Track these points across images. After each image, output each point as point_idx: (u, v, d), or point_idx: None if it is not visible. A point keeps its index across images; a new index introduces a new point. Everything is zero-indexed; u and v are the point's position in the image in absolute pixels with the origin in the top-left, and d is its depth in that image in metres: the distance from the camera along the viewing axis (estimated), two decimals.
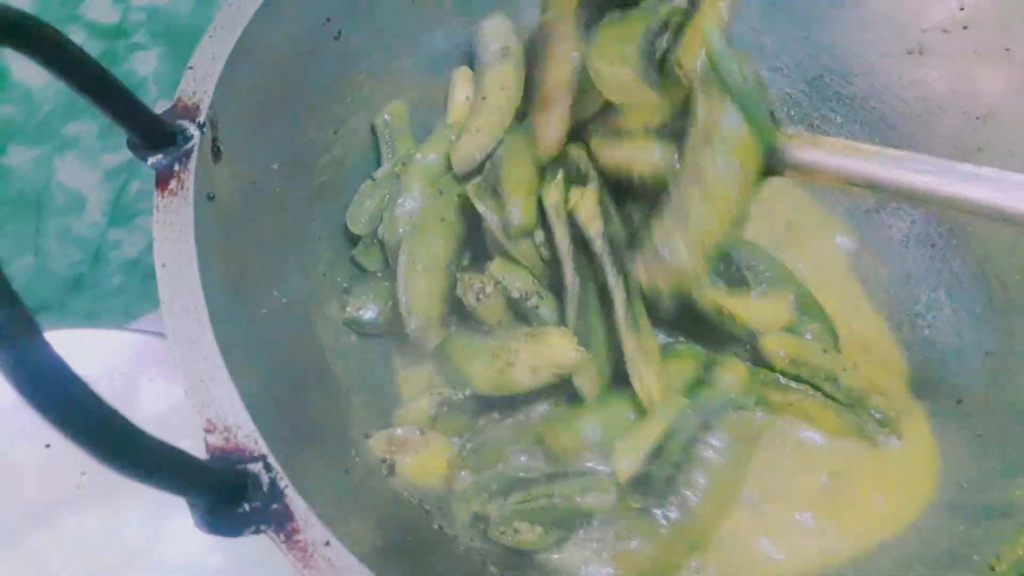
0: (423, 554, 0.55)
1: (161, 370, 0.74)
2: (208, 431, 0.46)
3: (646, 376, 0.59)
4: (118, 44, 0.87)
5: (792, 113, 0.89)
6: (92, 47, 0.91)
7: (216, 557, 0.68)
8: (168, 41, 0.91)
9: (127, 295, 1.06)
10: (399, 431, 0.61)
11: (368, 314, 0.68)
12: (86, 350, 0.76)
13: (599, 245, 0.60)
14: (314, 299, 0.64)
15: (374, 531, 0.52)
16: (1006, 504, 0.65)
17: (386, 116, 0.76)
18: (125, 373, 0.75)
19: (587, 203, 0.61)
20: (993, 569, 0.61)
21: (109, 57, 0.91)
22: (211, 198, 0.55)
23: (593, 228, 0.61)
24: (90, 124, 0.91)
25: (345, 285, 0.69)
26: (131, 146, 0.55)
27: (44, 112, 0.87)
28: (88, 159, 0.95)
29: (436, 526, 0.59)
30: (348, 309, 0.68)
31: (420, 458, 0.61)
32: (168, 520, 0.69)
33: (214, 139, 0.57)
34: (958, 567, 0.62)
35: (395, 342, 0.69)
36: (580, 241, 0.62)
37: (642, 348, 0.59)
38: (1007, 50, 0.76)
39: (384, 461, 0.61)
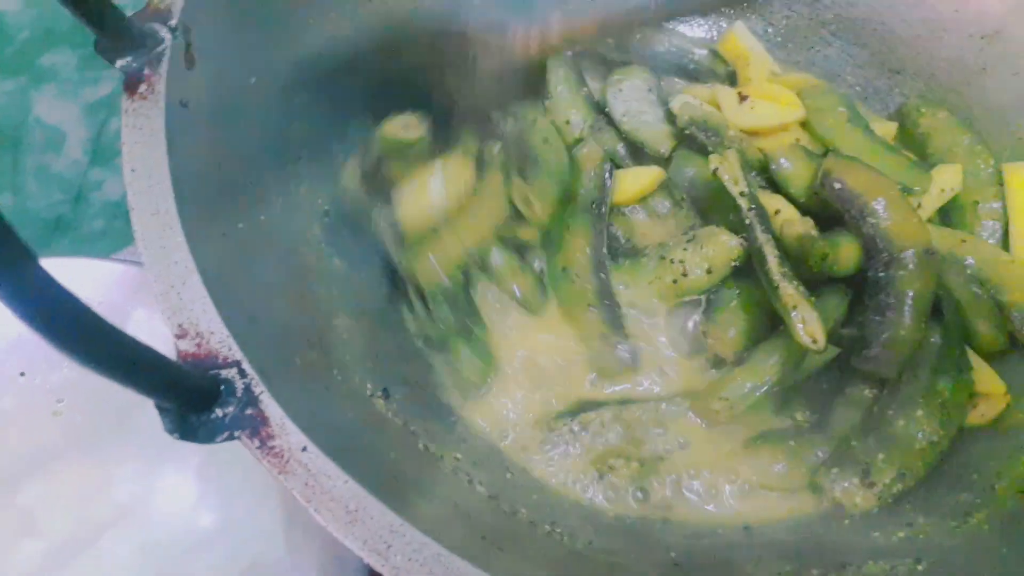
0: (408, 473, 0.53)
1: (143, 299, 0.72)
2: (179, 336, 0.44)
3: (808, 319, 0.61)
4: None
5: (791, 39, 0.86)
6: None
7: (207, 515, 0.67)
8: None
9: (110, 238, 1.04)
10: None
11: None
12: (67, 279, 0.74)
13: (744, 203, 0.67)
14: (294, 219, 0.62)
15: (356, 449, 0.50)
16: (1005, 425, 0.64)
17: None
18: (106, 302, 0.73)
19: (730, 165, 0.68)
20: (994, 487, 0.60)
21: None
22: (184, 105, 0.53)
23: (737, 187, 0.67)
24: (68, 54, 0.88)
25: (326, 207, 0.67)
26: (99, 49, 0.52)
27: (20, 40, 0.84)
28: (67, 92, 0.92)
29: (422, 446, 0.57)
30: None
31: None
32: (159, 477, 0.68)
33: (187, 44, 0.54)
34: (958, 488, 0.61)
35: None
36: None
37: (800, 294, 0.62)
38: None
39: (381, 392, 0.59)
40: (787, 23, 0.86)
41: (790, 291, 0.63)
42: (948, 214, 0.75)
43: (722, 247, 0.68)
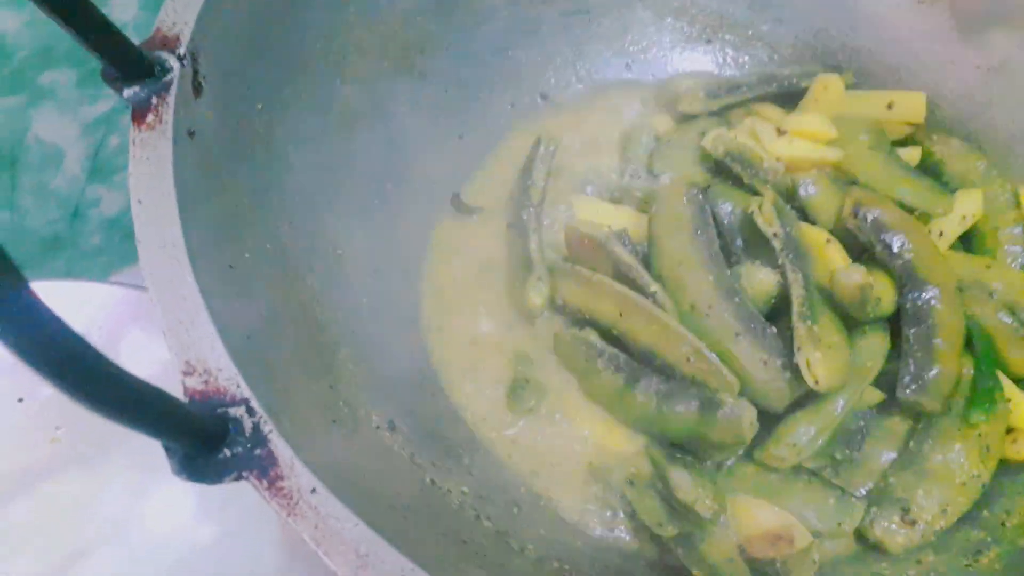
0: (415, 507, 0.53)
1: (142, 324, 0.71)
2: (187, 373, 0.43)
3: (813, 360, 0.61)
4: None
5: (800, 67, 0.86)
6: None
7: (202, 529, 0.66)
8: None
9: (107, 255, 1.03)
10: None
11: None
12: (65, 303, 0.73)
13: (777, 244, 0.66)
14: (301, 247, 0.61)
15: (364, 486, 0.49)
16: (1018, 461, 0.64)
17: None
18: (105, 327, 0.72)
19: (765, 208, 0.68)
20: (1003, 525, 0.60)
21: None
22: (191, 134, 0.52)
23: (771, 228, 0.67)
24: (67, 72, 0.87)
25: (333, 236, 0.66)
26: (106, 78, 0.52)
27: (19, 58, 0.83)
28: (65, 110, 0.91)
29: (429, 480, 0.56)
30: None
31: None
32: (152, 491, 0.67)
33: (195, 73, 0.54)
34: (969, 524, 0.61)
35: None
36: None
37: (811, 335, 0.62)
38: None
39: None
40: (792, 52, 0.86)
41: (802, 332, 0.62)
42: (970, 240, 0.75)
43: (759, 283, 0.68)
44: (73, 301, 0.74)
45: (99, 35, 0.49)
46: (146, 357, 0.71)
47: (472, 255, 0.77)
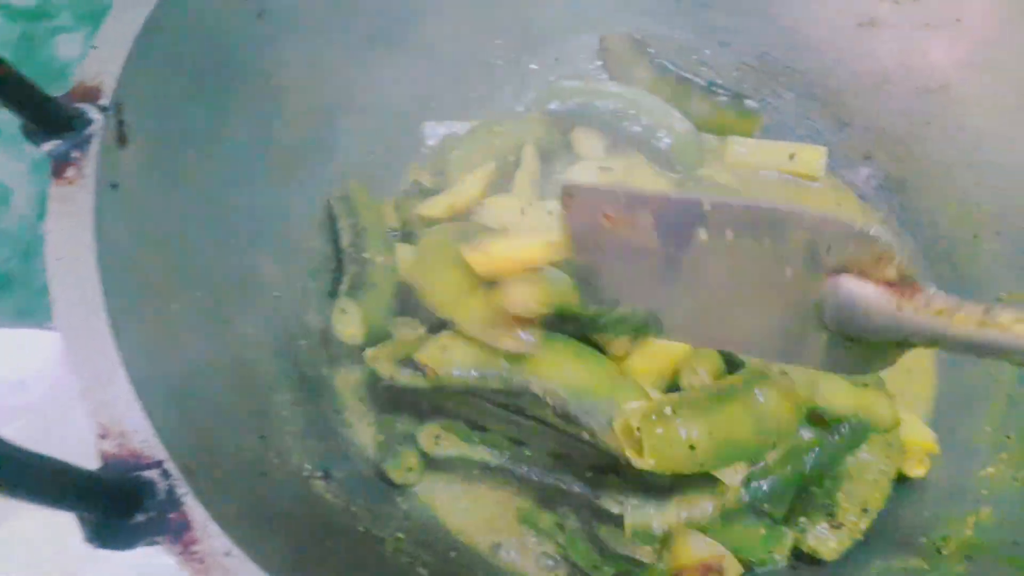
0: (348, 557, 0.52)
1: None
2: (101, 436, 0.43)
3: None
4: (38, 26, 0.83)
5: (744, 91, 0.86)
6: (9, 30, 0.86)
7: (169, 558, 0.65)
8: (94, 22, 0.87)
9: None
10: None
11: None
12: (15, 350, 0.73)
13: None
14: (233, 295, 0.61)
15: (294, 535, 0.49)
16: (954, 487, 0.64)
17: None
18: (57, 375, 0.71)
19: None
20: (940, 552, 0.60)
21: (27, 41, 0.86)
22: (114, 186, 0.52)
23: None
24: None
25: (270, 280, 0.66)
26: (25, 133, 0.51)
27: None
28: (12, 149, 0.91)
29: (362, 529, 0.56)
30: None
31: None
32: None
33: (120, 123, 0.53)
34: (907, 551, 0.61)
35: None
36: None
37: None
38: (958, 20, 0.74)
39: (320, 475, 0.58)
40: (738, 75, 0.86)
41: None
42: None
43: None
44: (23, 348, 0.73)
45: (13, 88, 0.48)
46: None
47: None
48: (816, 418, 0.63)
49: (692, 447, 0.55)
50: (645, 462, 0.54)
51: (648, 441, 0.54)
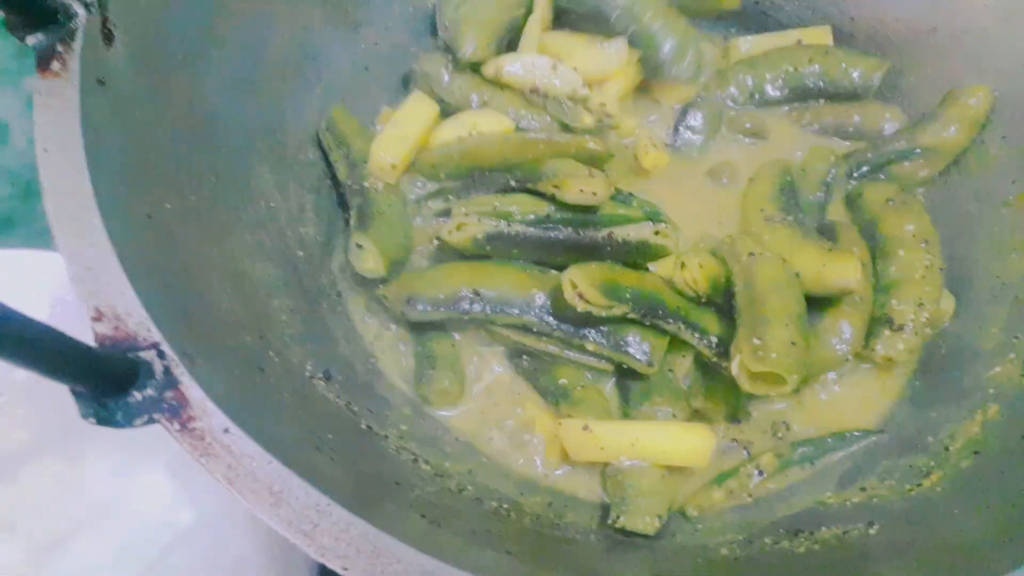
0: (350, 452, 0.52)
1: None
2: (96, 319, 0.43)
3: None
4: None
5: (745, 3, 0.84)
6: None
7: (186, 511, 0.65)
8: None
9: None
10: None
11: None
12: (15, 271, 0.72)
13: None
14: (228, 201, 0.60)
15: (289, 431, 0.49)
16: (958, 389, 0.64)
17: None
18: (56, 295, 0.71)
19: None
20: (947, 449, 0.59)
21: None
22: (101, 82, 0.51)
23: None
24: (5, 45, 0.86)
25: (265, 190, 0.65)
26: (8, 27, 0.50)
27: None
28: (6, 83, 0.90)
29: (365, 426, 0.56)
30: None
31: None
32: (134, 474, 0.66)
33: (104, 19, 0.52)
34: (913, 451, 0.61)
35: None
36: None
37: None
38: None
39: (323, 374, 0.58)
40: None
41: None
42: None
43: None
44: (23, 270, 0.73)
45: None
46: None
47: None
48: None
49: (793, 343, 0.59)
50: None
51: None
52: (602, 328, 0.64)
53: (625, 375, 0.66)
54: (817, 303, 0.65)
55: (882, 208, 0.72)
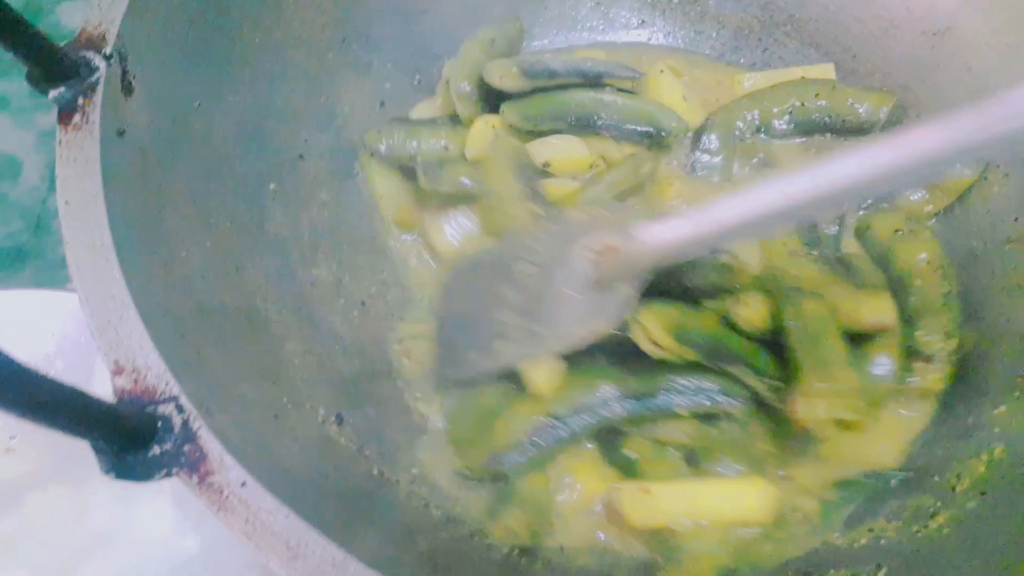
0: (361, 499, 0.53)
1: None
2: (116, 373, 0.43)
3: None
4: None
5: (746, 42, 0.86)
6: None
7: (189, 540, 0.66)
8: None
9: None
10: None
11: None
12: (27, 312, 0.73)
13: None
14: (244, 242, 0.61)
15: (303, 480, 0.49)
16: (964, 428, 0.64)
17: None
18: (67, 335, 0.72)
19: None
20: (954, 489, 0.60)
21: (33, 8, 0.86)
22: (121, 134, 0.52)
23: None
24: (19, 82, 0.87)
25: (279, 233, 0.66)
26: (31, 79, 0.51)
27: None
28: (20, 120, 0.91)
29: (376, 471, 0.56)
30: None
31: None
32: (136, 503, 0.67)
33: (124, 72, 0.53)
34: (920, 490, 0.61)
35: None
36: None
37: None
38: None
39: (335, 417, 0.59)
40: (739, 22, 0.86)
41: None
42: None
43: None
44: (34, 310, 0.73)
45: (18, 36, 0.48)
46: None
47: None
48: None
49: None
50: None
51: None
52: (681, 385, 0.63)
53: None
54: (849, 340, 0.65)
55: (892, 239, 0.73)
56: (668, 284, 0.65)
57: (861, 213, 0.77)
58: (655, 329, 0.60)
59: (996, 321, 0.68)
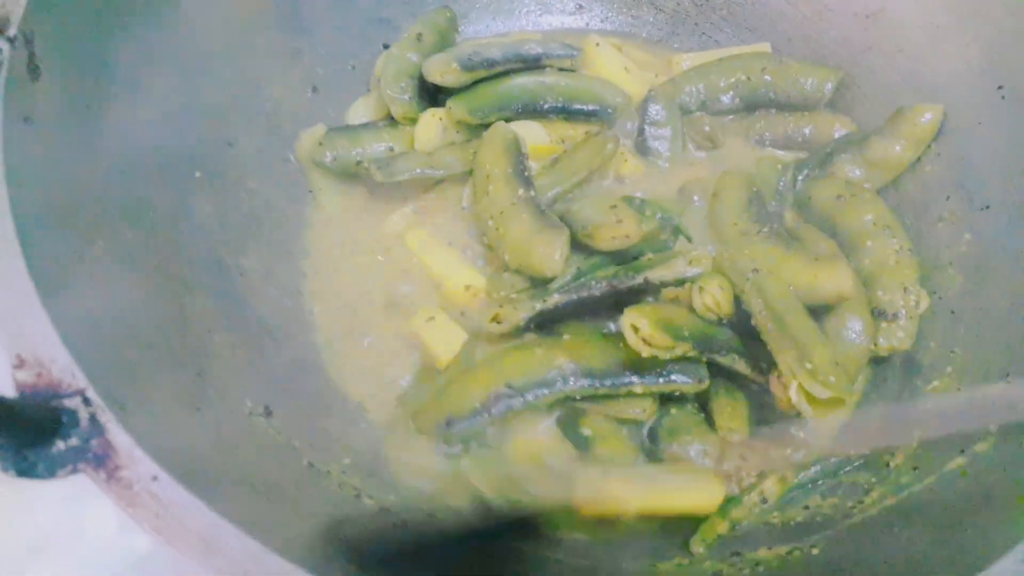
0: (289, 491, 0.51)
1: None
2: (17, 367, 0.41)
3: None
4: None
5: (683, 27, 0.86)
6: None
7: (139, 539, 0.63)
8: None
9: None
10: None
11: None
12: None
13: None
14: (168, 236, 0.59)
15: (228, 471, 0.48)
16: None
17: None
18: None
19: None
20: (888, 465, 0.60)
21: None
22: (27, 119, 0.49)
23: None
24: None
25: (205, 222, 0.64)
26: None
27: None
28: None
29: (306, 462, 0.55)
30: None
31: None
32: (85, 501, 0.64)
33: (31, 55, 0.51)
34: (854, 467, 0.61)
35: None
36: None
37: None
38: None
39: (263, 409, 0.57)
40: (677, 8, 0.86)
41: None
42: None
43: None
44: None
45: None
46: None
47: (354, 223, 0.76)
48: None
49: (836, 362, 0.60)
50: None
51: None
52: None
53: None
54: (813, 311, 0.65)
55: (834, 205, 0.73)
56: (631, 281, 0.65)
57: (799, 186, 0.77)
58: (646, 327, 0.59)
59: (929, 297, 0.69)
